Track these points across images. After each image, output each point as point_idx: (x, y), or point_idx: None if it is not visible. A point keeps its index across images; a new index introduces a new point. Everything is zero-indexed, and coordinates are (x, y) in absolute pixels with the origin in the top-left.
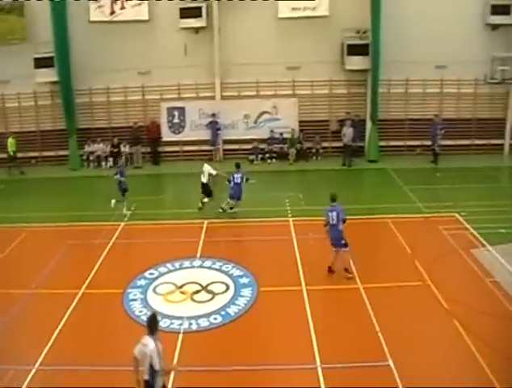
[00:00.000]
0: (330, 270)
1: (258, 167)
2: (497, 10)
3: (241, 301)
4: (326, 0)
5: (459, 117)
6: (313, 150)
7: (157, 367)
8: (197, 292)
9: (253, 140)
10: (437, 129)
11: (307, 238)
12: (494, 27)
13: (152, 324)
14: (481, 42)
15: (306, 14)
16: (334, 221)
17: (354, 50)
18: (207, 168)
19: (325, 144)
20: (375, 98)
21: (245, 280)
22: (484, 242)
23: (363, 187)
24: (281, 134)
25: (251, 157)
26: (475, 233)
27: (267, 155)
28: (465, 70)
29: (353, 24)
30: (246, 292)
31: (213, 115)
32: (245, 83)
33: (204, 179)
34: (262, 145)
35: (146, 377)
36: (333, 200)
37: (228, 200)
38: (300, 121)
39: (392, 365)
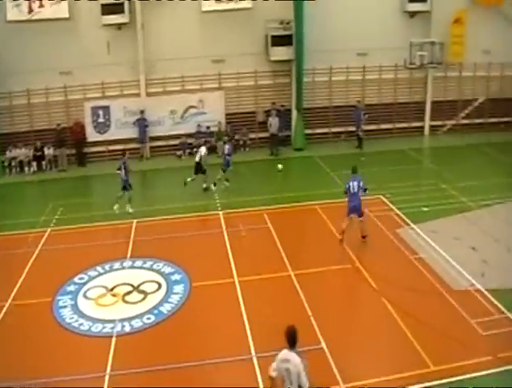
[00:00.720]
0: (341, 240)
1: (187, 162)
2: None
3: (174, 299)
4: None
5: (381, 102)
6: (241, 142)
7: (307, 385)
8: (129, 293)
9: (181, 135)
10: (360, 115)
11: (238, 230)
12: (412, 14)
13: (292, 336)
14: (400, 29)
15: (230, 7)
16: (355, 190)
17: (278, 41)
18: (202, 150)
19: (252, 135)
20: (299, 87)
21: (176, 277)
22: (409, 222)
23: (291, 175)
24: (208, 128)
25: (179, 152)
26: (399, 213)
27: (195, 150)
28: (385, 57)
29: (276, 15)
30: (178, 288)
31: (141, 112)
32: (171, 79)
33: (197, 158)
34: (189, 140)
35: None
36: (354, 171)
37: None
38: (227, 114)
39: (325, 348)
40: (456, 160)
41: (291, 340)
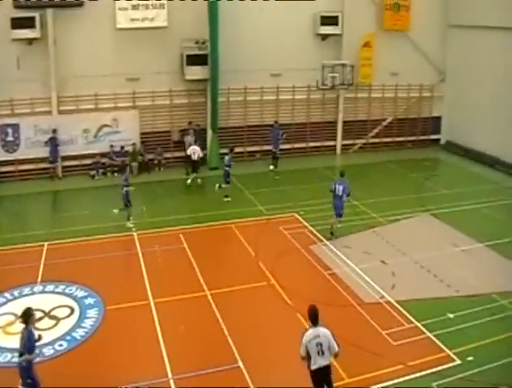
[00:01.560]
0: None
1: (100, 182)
2: (325, 21)
3: (88, 323)
4: (165, 11)
5: (295, 122)
6: (155, 162)
7: (337, 349)
8: (39, 319)
9: (94, 154)
10: (278, 135)
11: (153, 250)
12: (324, 36)
13: (315, 314)
14: (313, 51)
15: (145, 25)
16: (340, 193)
17: (194, 60)
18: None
19: (167, 155)
20: (214, 107)
21: (90, 301)
22: (322, 238)
23: (205, 194)
24: (122, 147)
25: (92, 172)
26: (313, 230)
27: (109, 169)
28: (299, 77)
29: (192, 35)
30: (92, 313)
31: (54, 131)
32: (84, 96)
33: (195, 157)
34: (103, 160)
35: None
36: (342, 175)
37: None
38: (142, 133)
39: (242, 366)
40: (366, 178)
41: (315, 318)
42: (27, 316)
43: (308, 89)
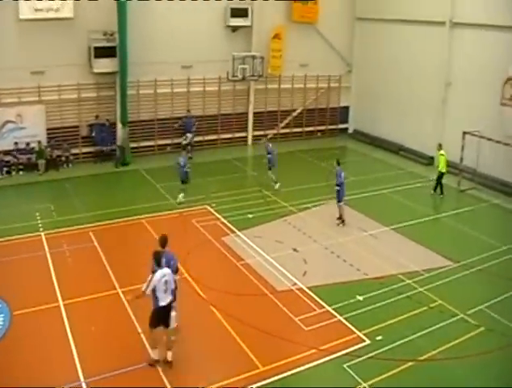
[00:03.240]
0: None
1: (4, 182)
2: (235, 13)
3: None
4: (71, 2)
5: (206, 114)
6: (63, 158)
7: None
8: None
9: None
10: (191, 123)
11: (62, 250)
12: (234, 28)
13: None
14: (223, 43)
15: (49, 16)
16: (343, 180)
17: (102, 52)
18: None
19: (75, 150)
20: (123, 100)
21: None
22: (234, 229)
23: (116, 190)
24: (28, 144)
25: None
26: (225, 221)
27: (13, 168)
28: (210, 69)
29: (100, 26)
30: None
31: None
32: None
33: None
34: (7, 158)
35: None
36: (339, 163)
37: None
38: (49, 129)
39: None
40: (278, 167)
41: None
42: None
43: (219, 81)
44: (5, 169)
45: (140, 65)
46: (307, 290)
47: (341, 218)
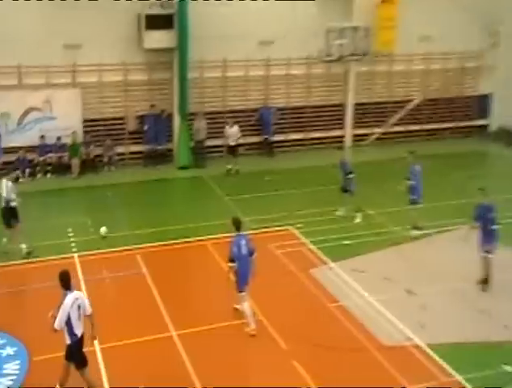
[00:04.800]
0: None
1: (27, 187)
2: None
3: (4, 384)
4: None
5: (290, 106)
6: (105, 159)
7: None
8: None
9: (17, 149)
10: (270, 115)
11: (100, 278)
12: None
13: (66, 278)
14: (315, 11)
15: None
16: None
17: (155, 23)
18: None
19: (120, 149)
20: (183, 85)
21: (9, 351)
22: (326, 259)
23: (173, 202)
24: (58, 139)
25: (15, 173)
26: (313, 248)
27: (39, 169)
28: (296, 46)
29: None
30: (12, 367)
31: None
32: (4, 68)
33: (232, 142)
34: (30, 156)
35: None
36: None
37: None
38: (86, 120)
39: None
40: (385, 179)
41: (67, 283)
42: None
43: (308, 61)
44: (28, 170)
45: (205, 40)
46: (427, 349)
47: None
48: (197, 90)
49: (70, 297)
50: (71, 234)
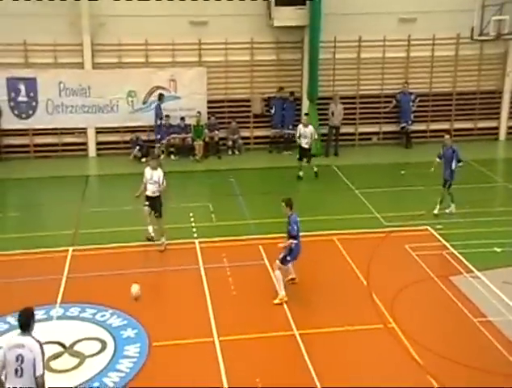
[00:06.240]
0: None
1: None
2: None
3: (125, 365)
4: None
5: (434, 92)
6: (229, 142)
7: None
8: (57, 356)
9: (140, 128)
10: (409, 102)
11: (220, 266)
12: None
13: (28, 316)
14: None
15: None
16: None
17: None
18: (311, 129)
19: (245, 133)
20: (314, 67)
21: (130, 333)
22: (470, 266)
23: (298, 192)
24: (182, 119)
25: (137, 151)
26: (456, 253)
27: (162, 150)
28: (443, 24)
29: None
30: (132, 350)
31: (161, 95)
32: (129, 45)
33: (305, 144)
34: (152, 136)
35: None
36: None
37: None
38: (210, 101)
39: None
40: None
41: (25, 323)
42: None
43: (457, 41)
44: (159, 148)
45: (339, 18)
46: None
47: None
48: (328, 72)
49: (12, 336)
50: (192, 219)
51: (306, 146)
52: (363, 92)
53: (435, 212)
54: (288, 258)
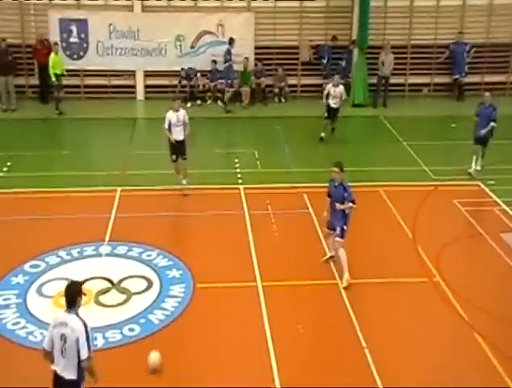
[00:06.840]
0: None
1: (197, 112)
2: None
3: (170, 304)
4: None
5: (490, 41)
6: (275, 89)
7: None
8: (105, 291)
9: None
10: (464, 52)
11: (265, 213)
12: None
13: (73, 293)
14: None
15: None
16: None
17: None
18: (341, 90)
19: (292, 80)
20: (364, 15)
21: (175, 274)
22: None
23: (345, 142)
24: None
25: (183, 95)
26: (508, 210)
27: (209, 95)
28: None
29: None
30: (177, 290)
31: (231, 39)
32: None
33: (334, 104)
34: (202, 82)
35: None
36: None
37: None
38: (257, 48)
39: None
40: None
41: (71, 298)
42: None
43: None
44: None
45: None
46: None
47: None
48: (379, 20)
49: (57, 315)
50: (237, 165)
51: (335, 106)
52: (414, 42)
53: (478, 168)
54: (345, 227)
